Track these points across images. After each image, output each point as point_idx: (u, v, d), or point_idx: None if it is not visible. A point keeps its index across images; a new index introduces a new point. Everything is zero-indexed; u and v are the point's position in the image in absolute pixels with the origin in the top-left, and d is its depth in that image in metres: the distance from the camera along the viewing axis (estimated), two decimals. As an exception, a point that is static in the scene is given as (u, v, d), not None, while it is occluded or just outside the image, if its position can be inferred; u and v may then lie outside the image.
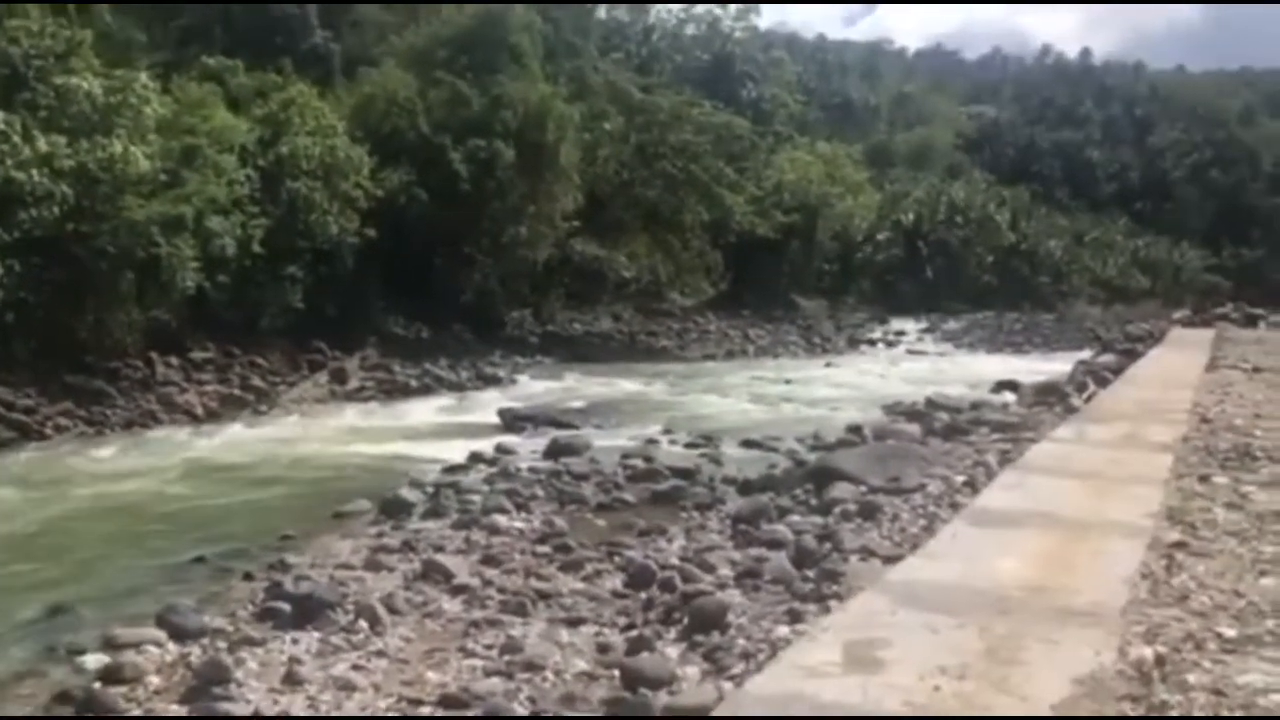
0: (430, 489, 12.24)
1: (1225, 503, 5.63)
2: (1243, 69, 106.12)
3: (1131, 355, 18.48)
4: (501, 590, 8.34)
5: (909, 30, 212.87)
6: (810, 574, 7.85)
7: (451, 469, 13.63)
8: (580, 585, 8.55)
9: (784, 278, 45.63)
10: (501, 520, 10.60)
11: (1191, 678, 3.38)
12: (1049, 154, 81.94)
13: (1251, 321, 25.65)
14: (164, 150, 18.73)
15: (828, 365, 30.34)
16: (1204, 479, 6.23)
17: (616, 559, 9.22)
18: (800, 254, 46.88)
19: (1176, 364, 14.60)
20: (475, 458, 14.30)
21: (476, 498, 11.58)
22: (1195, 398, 10.32)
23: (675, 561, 8.72)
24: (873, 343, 40.03)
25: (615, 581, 8.61)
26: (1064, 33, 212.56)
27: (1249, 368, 13.44)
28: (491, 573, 8.85)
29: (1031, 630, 3.78)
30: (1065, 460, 6.90)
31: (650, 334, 35.82)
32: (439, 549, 9.63)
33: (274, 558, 9.54)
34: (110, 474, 13.67)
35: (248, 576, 9.01)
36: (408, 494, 11.68)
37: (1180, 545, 4.86)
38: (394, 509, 11.24)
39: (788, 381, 25.06)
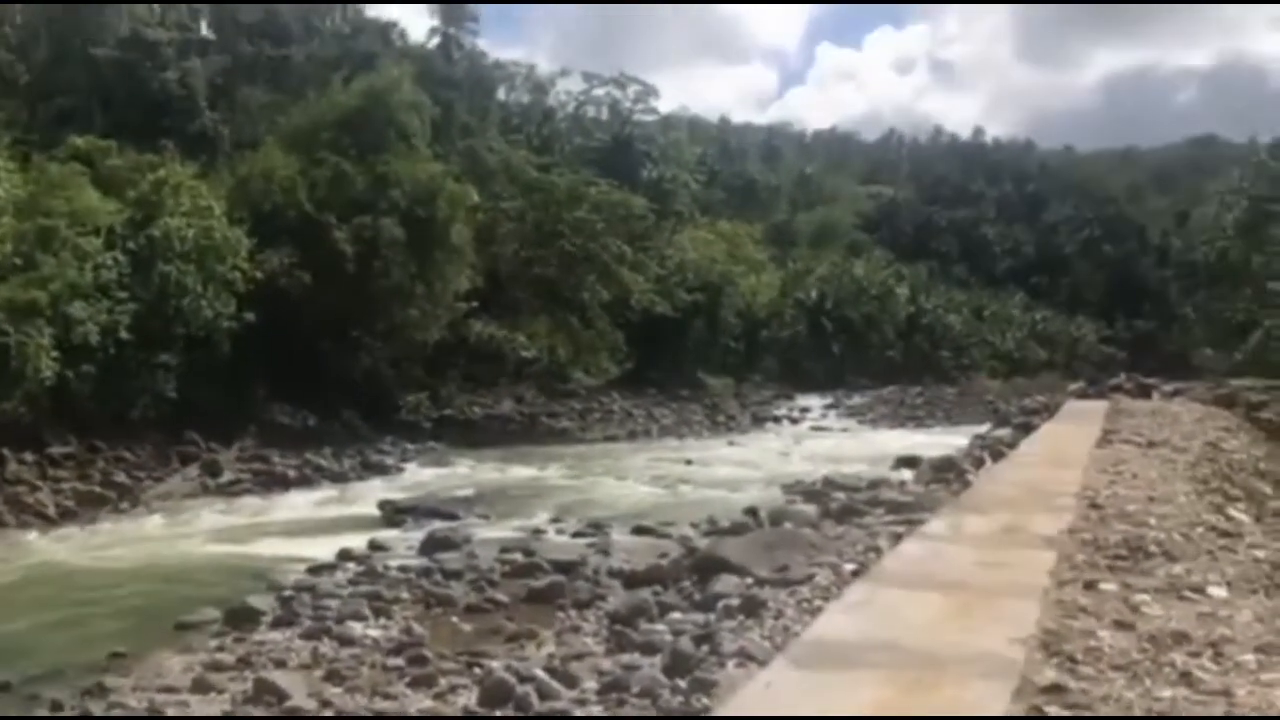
0: (287, 593, 11.26)
1: (1113, 620, 4.72)
2: (1128, 148, 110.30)
3: (1026, 429, 18.25)
4: (340, 713, 7.46)
5: (816, 117, 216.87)
6: (682, 684, 7.16)
7: (316, 569, 12.65)
8: (429, 704, 7.71)
9: (689, 356, 45.36)
10: (356, 628, 9.72)
11: None
12: (946, 231, 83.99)
13: (1145, 392, 25.78)
14: (16, 233, 17.60)
15: (731, 444, 29.89)
16: (1089, 586, 5.33)
17: (476, 670, 8.38)
18: (705, 332, 46.70)
19: (1068, 439, 14.20)
20: (344, 556, 13.36)
21: (334, 603, 10.65)
22: (1085, 479, 9.58)
23: (538, 673, 7.88)
24: (778, 420, 39.87)
25: (470, 698, 7.76)
26: (964, 119, 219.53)
27: (1143, 442, 13.09)
28: (333, 691, 7.99)
29: None
30: (929, 564, 5.88)
31: (552, 415, 34.97)
32: (280, 664, 8.74)
33: (94, 681, 8.51)
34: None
35: (56, 706, 7.98)
36: (257, 601, 10.72)
37: (1054, 690, 3.83)
38: (240, 619, 10.26)
39: (689, 462, 24.46)
